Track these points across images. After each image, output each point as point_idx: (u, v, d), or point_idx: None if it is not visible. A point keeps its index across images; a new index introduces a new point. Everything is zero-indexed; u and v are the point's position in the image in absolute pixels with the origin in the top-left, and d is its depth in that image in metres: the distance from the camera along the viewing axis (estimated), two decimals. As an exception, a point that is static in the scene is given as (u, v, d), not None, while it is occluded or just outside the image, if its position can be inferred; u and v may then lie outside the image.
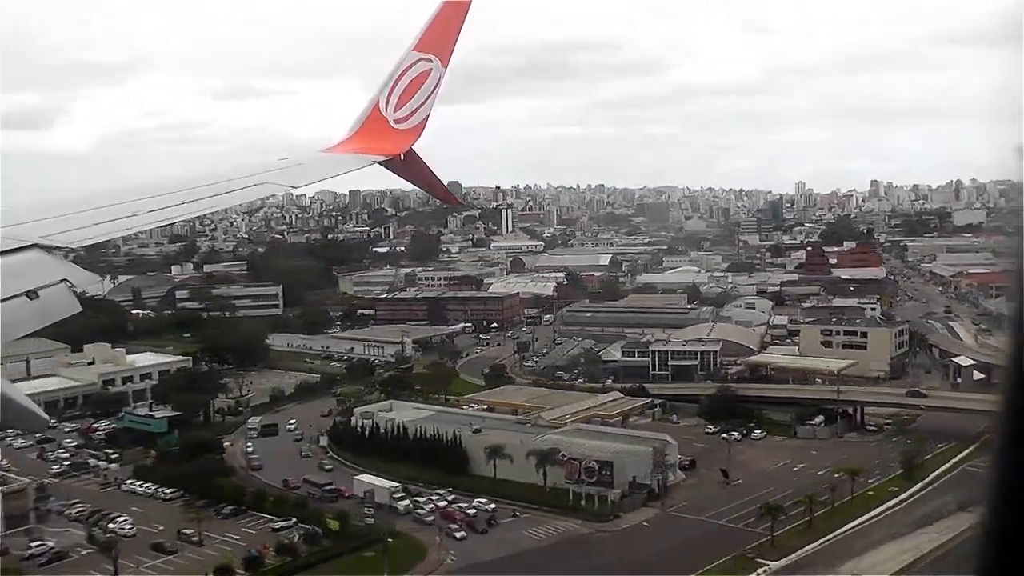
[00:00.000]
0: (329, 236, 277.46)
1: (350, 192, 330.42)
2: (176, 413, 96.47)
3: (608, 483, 74.42)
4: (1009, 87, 3.10)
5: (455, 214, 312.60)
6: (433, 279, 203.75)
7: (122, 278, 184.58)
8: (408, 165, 14.51)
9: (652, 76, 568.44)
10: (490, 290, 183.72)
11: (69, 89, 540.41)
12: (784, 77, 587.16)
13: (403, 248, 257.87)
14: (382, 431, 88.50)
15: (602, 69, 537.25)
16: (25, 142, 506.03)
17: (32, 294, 7.09)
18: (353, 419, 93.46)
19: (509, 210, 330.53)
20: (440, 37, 14.05)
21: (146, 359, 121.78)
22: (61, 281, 7.48)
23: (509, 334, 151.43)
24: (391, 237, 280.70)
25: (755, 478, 77.88)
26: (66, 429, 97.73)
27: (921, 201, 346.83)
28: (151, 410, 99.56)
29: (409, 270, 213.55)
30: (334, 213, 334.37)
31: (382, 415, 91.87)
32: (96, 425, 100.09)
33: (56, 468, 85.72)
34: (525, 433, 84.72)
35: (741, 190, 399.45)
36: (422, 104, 14.19)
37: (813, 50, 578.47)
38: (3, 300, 6.87)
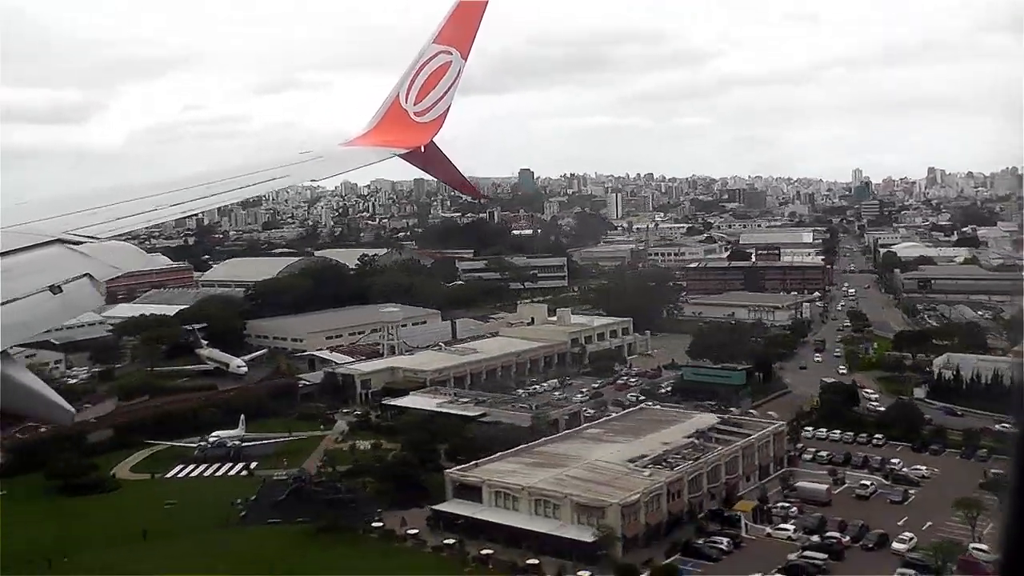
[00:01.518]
0: (432, 220, 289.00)
1: (415, 180, 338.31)
2: (746, 367, 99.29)
3: None
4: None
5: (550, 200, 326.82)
6: (691, 251, 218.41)
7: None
8: (429, 157, 14.46)
9: (695, 67, 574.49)
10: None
11: (111, 85, 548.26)
12: (827, 68, 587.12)
13: (567, 229, 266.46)
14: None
15: (645, 60, 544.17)
16: (66, 137, 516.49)
17: (56, 288, 7.17)
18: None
19: (618, 195, 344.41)
20: (460, 29, 13.98)
21: (580, 320, 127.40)
22: (84, 275, 7.55)
23: (841, 305, 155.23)
24: (495, 220, 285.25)
25: None
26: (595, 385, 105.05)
27: (980, 188, 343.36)
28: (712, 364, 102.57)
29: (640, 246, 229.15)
30: (401, 201, 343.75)
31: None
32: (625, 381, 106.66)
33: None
34: None
35: (796, 179, 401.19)
36: (442, 97, 14.13)
37: (857, 40, 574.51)
38: (28, 295, 6.95)
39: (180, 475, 79.45)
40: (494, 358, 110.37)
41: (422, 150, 14.18)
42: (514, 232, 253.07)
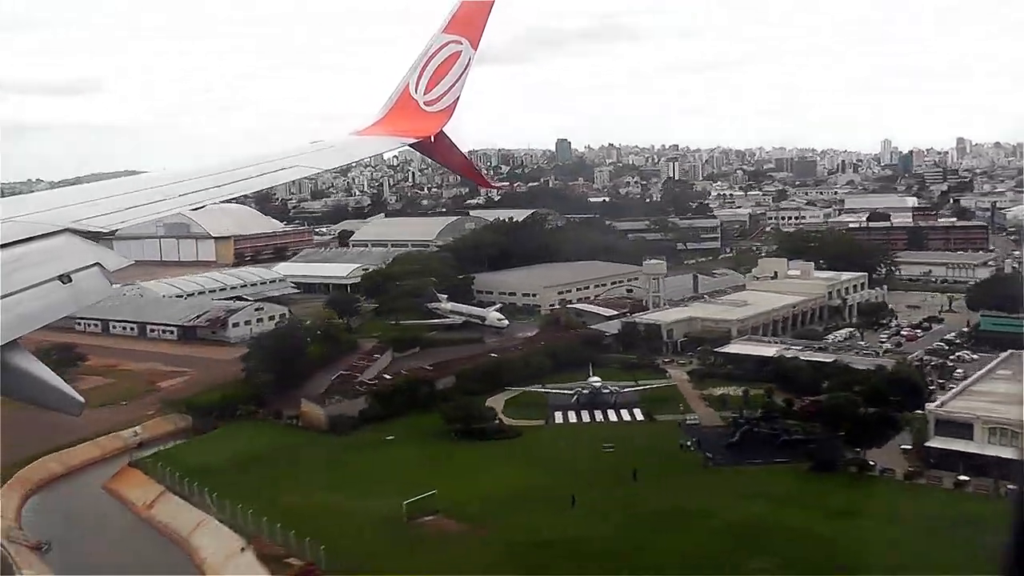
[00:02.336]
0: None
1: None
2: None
3: None
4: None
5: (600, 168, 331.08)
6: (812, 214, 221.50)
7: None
8: (438, 147, 14.50)
9: (719, 39, 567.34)
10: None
11: (134, 55, 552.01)
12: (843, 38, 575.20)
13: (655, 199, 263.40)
14: None
15: (672, 31, 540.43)
16: (79, 108, 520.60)
17: (65, 278, 7.20)
18: None
19: (674, 164, 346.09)
20: (470, 18, 13.98)
21: (824, 275, 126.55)
22: (94, 264, 7.58)
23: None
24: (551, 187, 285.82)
25: None
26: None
27: (1011, 159, 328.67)
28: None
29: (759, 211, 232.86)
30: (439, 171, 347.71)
31: None
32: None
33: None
34: None
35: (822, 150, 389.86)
36: (452, 86, 14.14)
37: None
38: (37, 284, 6.99)
39: (559, 422, 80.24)
40: (775, 309, 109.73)
41: (431, 139, 14.18)
42: (591, 200, 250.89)
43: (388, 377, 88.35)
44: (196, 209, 10.52)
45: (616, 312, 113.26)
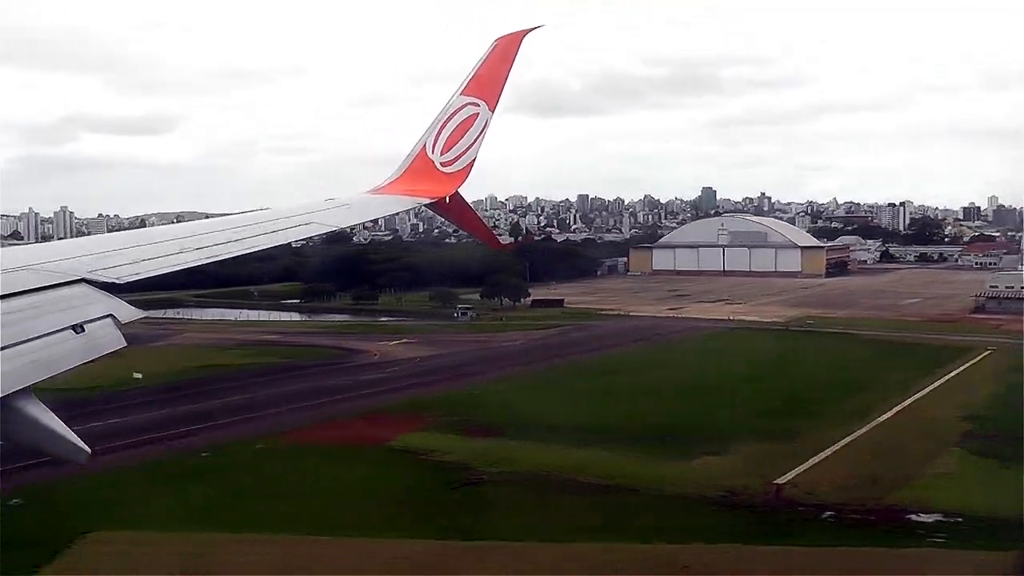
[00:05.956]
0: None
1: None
2: None
3: None
4: None
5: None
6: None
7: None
8: (453, 207, 14.52)
9: (787, 91, 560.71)
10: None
11: (199, 97, 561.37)
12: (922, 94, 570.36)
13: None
14: None
15: (745, 83, 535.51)
16: (147, 149, 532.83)
17: (78, 328, 7.10)
18: None
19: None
20: (489, 80, 14.16)
21: None
22: (107, 316, 7.49)
23: None
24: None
25: None
26: None
27: None
28: None
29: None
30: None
31: None
32: None
33: None
34: None
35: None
36: (469, 147, 14.24)
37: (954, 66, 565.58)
38: (51, 332, 6.89)
39: None
40: None
41: (447, 200, 14.21)
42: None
43: None
44: (209, 263, 10.35)
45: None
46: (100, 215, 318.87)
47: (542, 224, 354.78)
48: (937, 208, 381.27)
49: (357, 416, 63.24)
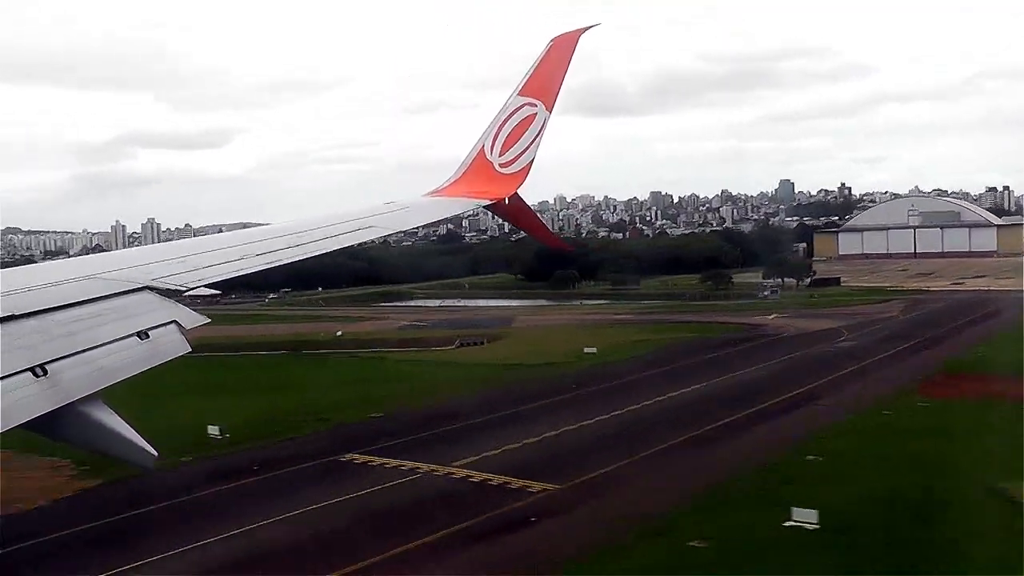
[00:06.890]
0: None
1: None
2: None
3: None
4: None
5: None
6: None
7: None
8: (512, 209, 14.46)
9: (849, 83, 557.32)
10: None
11: (253, 110, 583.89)
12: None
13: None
14: None
15: (804, 76, 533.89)
16: (201, 162, 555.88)
17: (143, 335, 7.30)
18: None
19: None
20: (546, 80, 14.05)
21: None
22: (171, 322, 7.68)
23: None
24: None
25: None
26: None
27: None
28: None
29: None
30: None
31: None
32: None
33: None
34: None
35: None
36: (527, 148, 14.15)
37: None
38: (117, 339, 7.09)
39: None
40: None
41: (506, 202, 14.17)
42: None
43: None
44: (268, 268, 10.53)
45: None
46: (186, 225, 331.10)
47: (624, 221, 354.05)
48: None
49: (943, 374, 67.91)
